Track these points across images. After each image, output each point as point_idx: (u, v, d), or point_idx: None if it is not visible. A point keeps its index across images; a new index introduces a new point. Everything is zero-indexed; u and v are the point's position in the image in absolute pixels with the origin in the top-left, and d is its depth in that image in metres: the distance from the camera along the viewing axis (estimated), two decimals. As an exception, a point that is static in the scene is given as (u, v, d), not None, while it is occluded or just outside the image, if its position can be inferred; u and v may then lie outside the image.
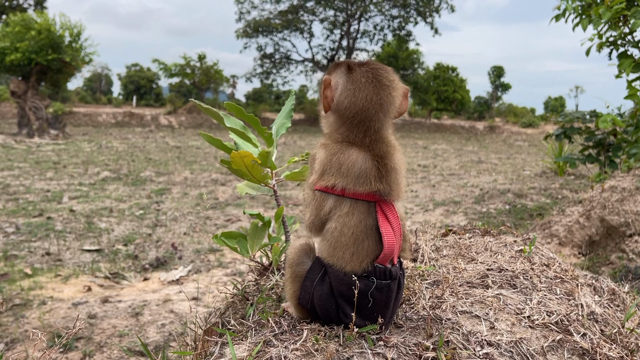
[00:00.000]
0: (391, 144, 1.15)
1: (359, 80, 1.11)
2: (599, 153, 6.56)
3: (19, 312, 3.69)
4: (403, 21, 38.64)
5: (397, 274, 1.13)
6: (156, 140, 19.74)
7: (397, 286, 1.14)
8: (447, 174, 12.00)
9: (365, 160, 1.11)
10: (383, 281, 1.10)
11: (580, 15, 5.68)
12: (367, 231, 1.10)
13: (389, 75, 1.13)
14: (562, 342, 1.22)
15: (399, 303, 1.19)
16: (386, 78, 1.12)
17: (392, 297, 1.12)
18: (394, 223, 1.11)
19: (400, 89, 1.14)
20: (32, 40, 18.40)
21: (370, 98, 1.10)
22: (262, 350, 1.02)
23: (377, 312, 1.11)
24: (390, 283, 1.11)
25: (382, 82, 1.12)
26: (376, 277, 1.10)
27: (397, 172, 1.12)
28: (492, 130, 34.53)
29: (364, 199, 1.11)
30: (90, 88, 52.36)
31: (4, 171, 10.21)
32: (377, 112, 1.11)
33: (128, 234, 5.92)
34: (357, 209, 1.11)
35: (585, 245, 4.69)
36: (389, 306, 1.12)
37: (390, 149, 1.13)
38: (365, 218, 1.11)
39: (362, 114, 1.11)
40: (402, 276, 1.16)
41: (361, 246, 1.10)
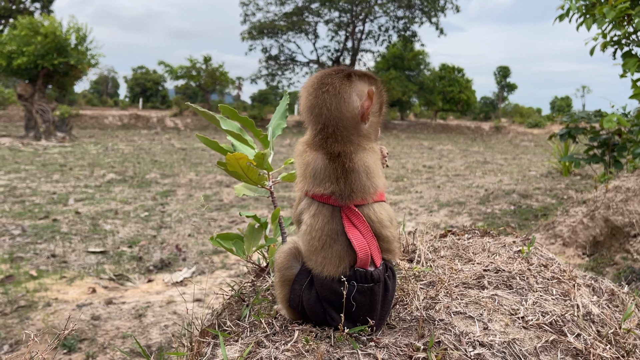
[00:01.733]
0: (355, 144, 1.13)
1: (307, 87, 1.16)
2: (603, 153, 6.53)
3: (24, 313, 3.72)
4: (408, 22, 38.61)
5: (381, 277, 1.12)
6: (162, 143, 19.82)
7: (383, 289, 1.13)
8: (452, 175, 11.98)
9: (317, 160, 1.13)
10: (365, 285, 1.10)
11: (584, 15, 5.66)
12: (333, 236, 1.11)
13: (333, 79, 1.14)
14: (556, 342, 1.22)
15: (390, 304, 1.18)
16: (329, 83, 1.13)
17: (377, 300, 1.12)
18: (361, 227, 1.11)
19: (349, 92, 1.13)
20: (38, 44, 18.53)
21: (314, 102, 1.14)
22: (254, 351, 1.03)
23: (363, 315, 1.12)
24: (373, 286, 1.11)
25: (322, 86, 1.14)
26: (357, 281, 1.10)
27: (357, 172, 1.11)
28: (498, 130, 34.42)
29: (325, 202, 1.12)
30: (97, 91, 52.66)
31: (11, 174, 10.29)
32: (324, 114, 1.13)
33: (133, 236, 5.95)
34: (322, 213, 1.13)
35: (590, 245, 4.67)
36: (375, 309, 1.12)
37: (351, 148, 1.12)
38: (329, 222, 1.12)
39: (312, 116, 1.15)
40: (389, 278, 1.15)
41: (330, 250, 1.11)
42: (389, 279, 1.15)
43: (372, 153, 1.16)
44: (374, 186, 1.13)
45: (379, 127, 1.24)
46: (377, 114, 1.21)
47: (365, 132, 1.16)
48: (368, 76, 1.19)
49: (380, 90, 1.21)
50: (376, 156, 1.17)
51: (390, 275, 1.17)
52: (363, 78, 1.18)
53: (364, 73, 1.19)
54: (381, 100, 1.22)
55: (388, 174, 11.78)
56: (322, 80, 1.15)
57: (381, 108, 1.22)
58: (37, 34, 18.65)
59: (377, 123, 1.22)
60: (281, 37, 39.17)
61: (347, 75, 1.16)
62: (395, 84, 36.46)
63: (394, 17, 38.77)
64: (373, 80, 1.20)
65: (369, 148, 1.16)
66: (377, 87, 1.19)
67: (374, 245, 1.12)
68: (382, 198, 1.17)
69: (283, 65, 40.50)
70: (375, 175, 1.14)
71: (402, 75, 39.44)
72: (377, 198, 1.14)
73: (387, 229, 1.14)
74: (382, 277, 1.13)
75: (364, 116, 1.14)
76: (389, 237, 1.14)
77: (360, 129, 1.15)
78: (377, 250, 1.13)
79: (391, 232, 1.15)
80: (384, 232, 1.14)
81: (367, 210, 1.13)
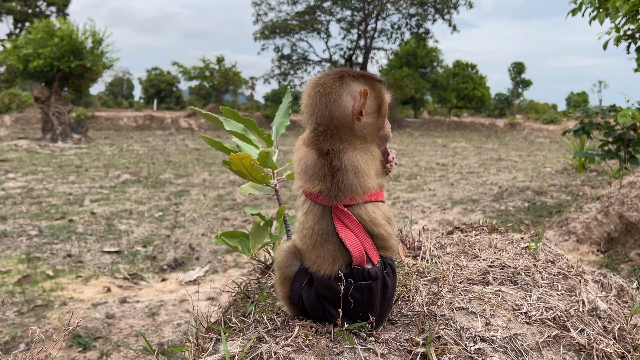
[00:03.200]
0: (345, 143, 1.14)
1: (306, 87, 1.20)
2: (618, 148, 6.45)
3: (41, 312, 3.78)
4: (421, 19, 38.41)
5: (379, 274, 1.13)
6: (176, 143, 19.98)
7: (382, 286, 1.14)
8: (466, 172, 11.92)
9: (308, 156, 1.15)
10: (362, 282, 1.11)
11: (597, 9, 5.59)
12: (324, 235, 1.12)
13: (326, 80, 1.16)
14: (559, 337, 1.22)
15: (390, 301, 1.19)
16: (322, 84, 1.16)
17: (375, 297, 1.12)
18: (353, 226, 1.12)
19: (340, 92, 1.15)
20: (54, 47, 18.78)
21: (308, 101, 1.16)
22: (254, 347, 1.05)
23: (362, 312, 1.12)
24: (371, 284, 1.11)
25: (315, 87, 1.17)
26: (354, 279, 1.11)
27: (344, 171, 1.11)
28: (512, 127, 34.11)
29: (315, 200, 1.14)
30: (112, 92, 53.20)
31: (28, 175, 10.45)
32: (316, 113, 1.15)
33: (147, 236, 6.02)
34: (313, 211, 1.14)
35: (604, 242, 4.62)
36: (374, 306, 1.13)
37: (340, 147, 1.13)
38: (320, 221, 1.13)
39: (307, 115, 1.18)
40: (388, 275, 1.15)
41: (322, 249, 1.12)
42: (388, 276, 1.16)
43: (364, 153, 1.15)
44: (363, 186, 1.12)
45: (381, 127, 1.22)
46: (374, 114, 1.19)
47: (359, 132, 1.16)
48: (365, 77, 1.18)
49: (378, 90, 1.19)
50: (369, 157, 1.16)
51: (390, 272, 1.17)
52: (358, 79, 1.17)
53: (360, 74, 1.19)
54: (379, 101, 1.19)
55: (401, 172, 11.75)
56: (317, 81, 1.17)
57: (380, 109, 1.20)
58: (53, 36, 18.89)
59: (376, 124, 1.20)
60: (293, 36, 39.23)
61: (341, 76, 1.16)
62: (408, 81, 36.32)
63: (406, 15, 38.60)
64: (370, 80, 1.19)
65: (361, 148, 1.15)
66: (374, 88, 1.18)
67: (369, 243, 1.13)
68: (377, 198, 1.16)
69: (295, 65, 40.55)
70: (365, 175, 1.13)
71: (416, 72, 39.27)
72: (369, 198, 1.14)
73: (381, 227, 1.14)
74: (379, 274, 1.13)
75: (355, 115, 1.14)
76: (383, 235, 1.14)
77: (354, 128, 1.15)
78: (372, 248, 1.13)
79: (385, 230, 1.14)
80: (377, 231, 1.13)
81: (359, 210, 1.13)
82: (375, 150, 1.19)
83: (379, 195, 1.17)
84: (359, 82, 1.17)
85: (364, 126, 1.17)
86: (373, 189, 1.14)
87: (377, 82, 1.21)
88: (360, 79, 1.18)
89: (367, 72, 1.22)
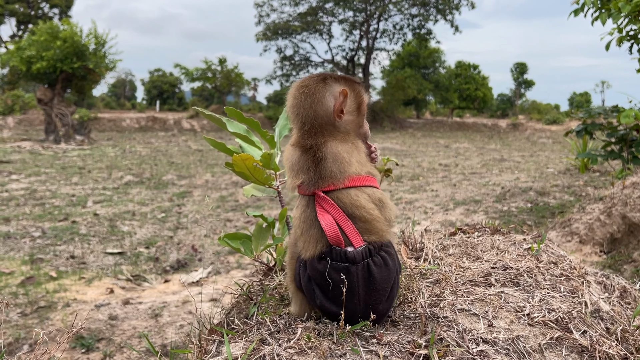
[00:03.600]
0: (327, 137, 1.23)
1: (291, 90, 1.31)
2: (621, 149, 6.43)
3: (44, 314, 3.79)
4: (423, 20, 38.41)
5: (358, 258, 1.15)
6: (179, 144, 20.01)
7: (365, 272, 1.15)
8: (469, 173, 11.91)
9: (294, 154, 1.26)
10: (340, 263, 1.14)
11: (600, 9, 5.59)
12: (309, 222, 1.20)
13: (309, 82, 1.27)
14: (561, 339, 1.22)
15: (380, 294, 1.17)
16: (306, 85, 1.26)
17: (354, 281, 1.14)
18: (332, 211, 1.18)
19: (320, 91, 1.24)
20: (57, 49, 18.83)
21: (294, 102, 1.27)
22: (257, 349, 1.05)
23: (343, 296, 1.14)
24: (349, 266, 1.14)
25: (300, 89, 1.27)
26: (332, 259, 1.16)
27: (325, 160, 1.20)
28: (515, 127, 34.06)
29: (300, 192, 1.24)
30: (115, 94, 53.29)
31: (32, 177, 10.48)
32: (301, 113, 1.25)
33: (150, 237, 6.04)
34: (301, 202, 1.24)
35: (607, 243, 4.61)
36: (355, 291, 1.14)
37: (322, 140, 1.22)
38: (305, 210, 1.22)
39: (293, 115, 1.28)
40: (376, 264, 1.16)
41: (308, 234, 1.20)
42: (376, 265, 1.16)
43: (346, 144, 1.24)
44: (342, 171, 1.20)
45: (361, 125, 1.33)
46: (354, 113, 1.29)
47: (342, 128, 1.26)
48: (345, 79, 1.30)
49: (357, 91, 1.30)
50: (350, 147, 1.24)
51: (381, 262, 1.17)
52: (339, 81, 1.28)
53: (341, 76, 1.30)
54: (359, 101, 1.30)
55: (404, 172, 11.74)
56: (302, 83, 1.28)
57: (359, 107, 1.30)
58: (56, 38, 18.94)
59: (356, 122, 1.30)
60: (295, 37, 39.26)
61: (323, 78, 1.27)
62: (410, 82, 36.32)
63: (408, 15, 38.61)
64: (349, 82, 1.30)
65: (343, 140, 1.25)
66: (354, 89, 1.29)
67: (350, 227, 1.17)
68: (364, 183, 1.22)
69: (298, 66, 40.57)
70: (344, 161, 1.21)
71: (418, 73, 39.26)
72: (351, 183, 1.20)
73: (363, 209, 1.18)
74: (359, 258, 1.15)
75: (336, 113, 1.24)
76: (365, 217, 1.18)
77: (336, 125, 1.25)
78: (354, 232, 1.17)
79: (368, 212, 1.18)
80: (357, 212, 1.18)
81: (339, 194, 1.19)
82: (358, 143, 1.29)
83: (366, 180, 1.23)
84: (339, 84, 1.27)
85: (346, 123, 1.27)
86: (354, 174, 1.21)
87: (356, 84, 1.32)
88: (341, 81, 1.28)
89: (347, 75, 1.33)
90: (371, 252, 1.18)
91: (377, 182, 1.27)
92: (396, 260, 1.22)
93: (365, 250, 1.17)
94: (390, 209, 1.24)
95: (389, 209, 1.24)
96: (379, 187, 1.28)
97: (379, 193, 1.24)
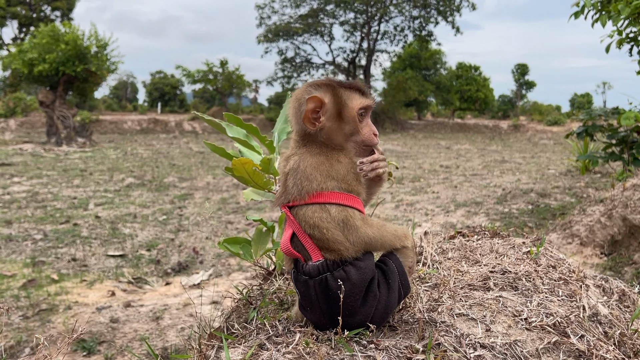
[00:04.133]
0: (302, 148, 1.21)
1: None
2: (622, 151, 6.44)
3: (45, 317, 3.81)
4: (423, 21, 38.42)
5: (313, 273, 1.15)
6: (180, 146, 20.03)
7: (323, 286, 1.14)
8: (470, 174, 11.90)
9: (280, 165, 1.26)
10: (302, 275, 1.17)
11: (600, 12, 5.59)
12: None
13: (297, 90, 1.25)
14: (558, 344, 1.23)
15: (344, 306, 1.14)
16: (294, 94, 1.25)
17: (312, 294, 1.15)
18: (292, 226, 1.17)
19: (299, 99, 1.21)
20: (60, 52, 18.87)
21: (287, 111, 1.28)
22: (256, 354, 1.06)
23: (308, 307, 1.18)
24: (307, 280, 1.15)
25: (292, 97, 1.26)
26: (297, 271, 1.19)
27: (290, 175, 1.18)
28: (516, 129, 34.04)
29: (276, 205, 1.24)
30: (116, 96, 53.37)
31: (33, 179, 10.50)
32: (291, 121, 1.25)
33: (151, 239, 6.05)
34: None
35: (608, 245, 4.61)
36: (315, 303, 1.16)
37: (295, 151, 1.21)
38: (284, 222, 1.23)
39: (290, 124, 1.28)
40: (335, 278, 1.13)
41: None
42: (335, 279, 1.14)
43: (317, 157, 1.18)
44: (300, 188, 1.16)
45: (353, 132, 1.23)
46: (334, 119, 1.21)
47: (323, 137, 1.20)
48: (326, 85, 1.22)
49: (338, 97, 1.21)
50: (321, 160, 1.18)
51: (343, 276, 1.14)
52: (319, 87, 1.21)
53: (324, 82, 1.22)
54: (339, 107, 1.21)
55: (405, 174, 11.74)
56: (295, 92, 1.26)
57: (341, 114, 1.21)
58: (59, 41, 18.98)
59: (340, 129, 1.22)
60: (297, 39, 39.30)
61: (308, 85, 1.23)
62: (411, 83, 36.33)
63: (409, 17, 38.63)
64: (329, 87, 1.22)
65: (317, 153, 1.19)
66: (334, 94, 1.21)
67: (308, 242, 1.16)
68: (328, 200, 1.16)
69: (299, 67, 40.61)
70: (305, 178, 1.16)
71: (419, 74, 39.26)
72: (313, 200, 1.16)
73: (315, 228, 1.15)
74: (315, 273, 1.15)
75: (305, 121, 1.19)
76: (321, 238, 1.15)
77: (315, 134, 1.20)
78: (312, 247, 1.15)
79: (321, 232, 1.14)
80: (313, 232, 1.15)
81: (298, 210, 1.17)
82: (337, 155, 1.21)
83: (332, 197, 1.16)
84: (317, 90, 1.21)
85: (328, 132, 1.20)
86: (315, 190, 1.15)
87: (341, 88, 1.22)
88: (321, 87, 1.21)
89: (334, 79, 1.25)
90: (329, 267, 1.15)
91: (351, 198, 1.18)
92: (367, 273, 1.16)
93: (322, 265, 1.15)
94: (357, 232, 1.16)
95: (356, 231, 1.16)
96: (356, 203, 1.18)
97: (345, 213, 1.16)
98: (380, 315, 1.18)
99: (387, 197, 8.70)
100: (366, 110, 1.24)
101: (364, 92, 1.25)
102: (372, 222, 1.20)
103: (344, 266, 1.15)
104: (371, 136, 1.24)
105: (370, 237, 1.17)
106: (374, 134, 1.25)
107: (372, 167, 1.22)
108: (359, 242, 1.16)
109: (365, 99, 1.24)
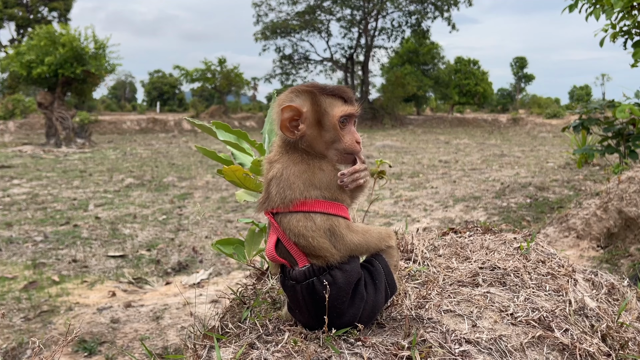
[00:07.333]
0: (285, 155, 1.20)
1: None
2: (618, 143, 6.47)
3: (47, 318, 3.84)
4: (420, 17, 38.38)
5: (300, 278, 1.17)
6: (179, 146, 20.06)
7: (310, 290, 1.16)
8: (469, 169, 11.94)
9: (264, 168, 1.26)
10: (290, 280, 1.19)
11: (594, 5, 5.61)
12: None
13: (281, 95, 1.24)
14: (543, 338, 1.26)
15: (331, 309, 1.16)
16: (279, 97, 1.24)
17: (300, 298, 1.18)
18: (276, 232, 1.19)
19: (280, 105, 1.19)
20: (57, 54, 18.87)
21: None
22: (245, 353, 1.09)
23: (297, 310, 1.22)
24: (294, 284, 1.18)
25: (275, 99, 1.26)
26: (284, 276, 1.22)
27: (272, 182, 1.18)
28: (515, 122, 34.05)
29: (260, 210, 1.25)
30: (115, 96, 53.38)
31: (33, 181, 10.54)
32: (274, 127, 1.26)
33: (151, 239, 6.08)
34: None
35: (604, 238, 4.64)
36: (302, 307, 1.19)
37: (277, 158, 1.21)
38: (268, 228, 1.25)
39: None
40: (321, 283, 1.15)
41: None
42: (321, 284, 1.15)
43: (299, 165, 1.18)
44: (282, 196, 1.16)
45: (335, 140, 1.21)
46: (314, 127, 1.19)
47: (304, 145, 1.19)
48: (307, 91, 1.19)
49: (317, 104, 1.19)
50: (303, 168, 1.17)
51: (330, 280, 1.15)
52: (300, 95, 1.20)
53: (306, 89, 1.20)
54: (318, 114, 1.19)
55: (404, 170, 11.78)
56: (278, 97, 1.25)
57: (320, 121, 1.19)
58: (56, 44, 18.97)
59: (320, 136, 1.20)
60: (294, 36, 39.29)
61: (290, 92, 1.22)
62: (410, 78, 36.33)
63: (406, 13, 38.60)
64: (309, 94, 1.20)
65: (299, 161, 1.18)
66: (314, 102, 1.19)
67: (293, 248, 1.17)
68: (311, 209, 1.16)
69: (297, 64, 40.63)
70: (287, 186, 1.16)
71: (417, 70, 39.27)
72: (296, 208, 1.16)
73: (300, 237, 1.15)
74: (302, 278, 1.17)
75: (282, 129, 1.18)
76: (307, 246, 1.15)
77: (296, 142, 1.19)
78: (298, 253, 1.17)
79: (306, 240, 1.15)
80: (298, 241, 1.16)
81: (282, 217, 1.17)
82: (320, 163, 1.19)
83: (316, 205, 1.16)
84: (297, 97, 1.19)
85: (308, 139, 1.19)
86: (298, 199, 1.15)
87: (322, 95, 1.20)
88: (301, 94, 1.20)
89: (317, 85, 1.22)
90: (315, 272, 1.16)
91: (335, 206, 1.17)
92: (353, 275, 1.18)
93: (308, 270, 1.16)
94: (342, 240, 1.16)
95: (342, 239, 1.16)
96: (341, 211, 1.18)
97: (330, 222, 1.16)
98: (368, 314, 1.20)
99: (386, 193, 8.74)
100: (348, 118, 1.21)
101: (347, 99, 1.22)
102: (357, 228, 1.21)
103: (331, 270, 1.16)
104: (353, 144, 1.22)
105: (356, 243, 1.18)
106: (356, 142, 1.22)
107: (352, 179, 1.20)
108: (345, 249, 1.17)
109: (347, 107, 1.21)
